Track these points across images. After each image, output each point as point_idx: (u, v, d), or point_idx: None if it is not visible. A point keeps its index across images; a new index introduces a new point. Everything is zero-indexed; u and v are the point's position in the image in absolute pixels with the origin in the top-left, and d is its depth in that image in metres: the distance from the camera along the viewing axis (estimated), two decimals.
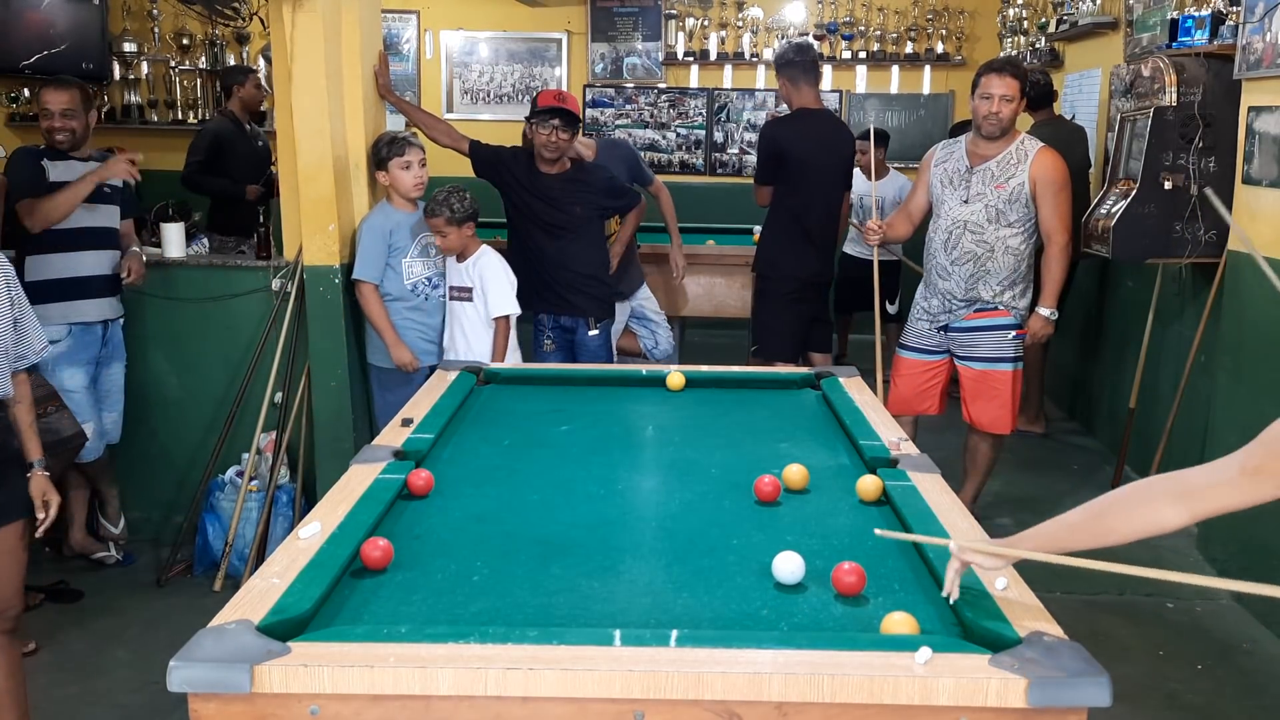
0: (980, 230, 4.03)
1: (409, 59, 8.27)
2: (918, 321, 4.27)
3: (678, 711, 1.50)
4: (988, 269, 4.05)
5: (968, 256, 4.06)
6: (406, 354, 3.98)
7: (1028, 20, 7.02)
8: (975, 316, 4.12)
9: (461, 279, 4.05)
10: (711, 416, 3.10)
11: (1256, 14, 3.77)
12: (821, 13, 8.07)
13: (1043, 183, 3.97)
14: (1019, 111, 4.03)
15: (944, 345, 4.21)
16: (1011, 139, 4.04)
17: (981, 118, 3.99)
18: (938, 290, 4.16)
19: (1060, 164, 4.05)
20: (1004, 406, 4.16)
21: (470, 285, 4.02)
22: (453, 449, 2.71)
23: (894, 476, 2.38)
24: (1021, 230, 4.03)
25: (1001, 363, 4.13)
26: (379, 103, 4.36)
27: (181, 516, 4.26)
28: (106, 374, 4.12)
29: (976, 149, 4.08)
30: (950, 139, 4.39)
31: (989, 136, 4.01)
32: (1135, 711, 3.19)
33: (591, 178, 4.49)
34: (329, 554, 1.91)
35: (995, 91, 3.94)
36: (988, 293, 4.07)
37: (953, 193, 4.10)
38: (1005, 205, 3.99)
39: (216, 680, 1.49)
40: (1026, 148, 4.03)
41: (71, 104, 3.89)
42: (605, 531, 2.18)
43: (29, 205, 3.82)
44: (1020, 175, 3.99)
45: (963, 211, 4.05)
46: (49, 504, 2.65)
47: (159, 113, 6.90)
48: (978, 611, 1.70)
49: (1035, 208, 4.01)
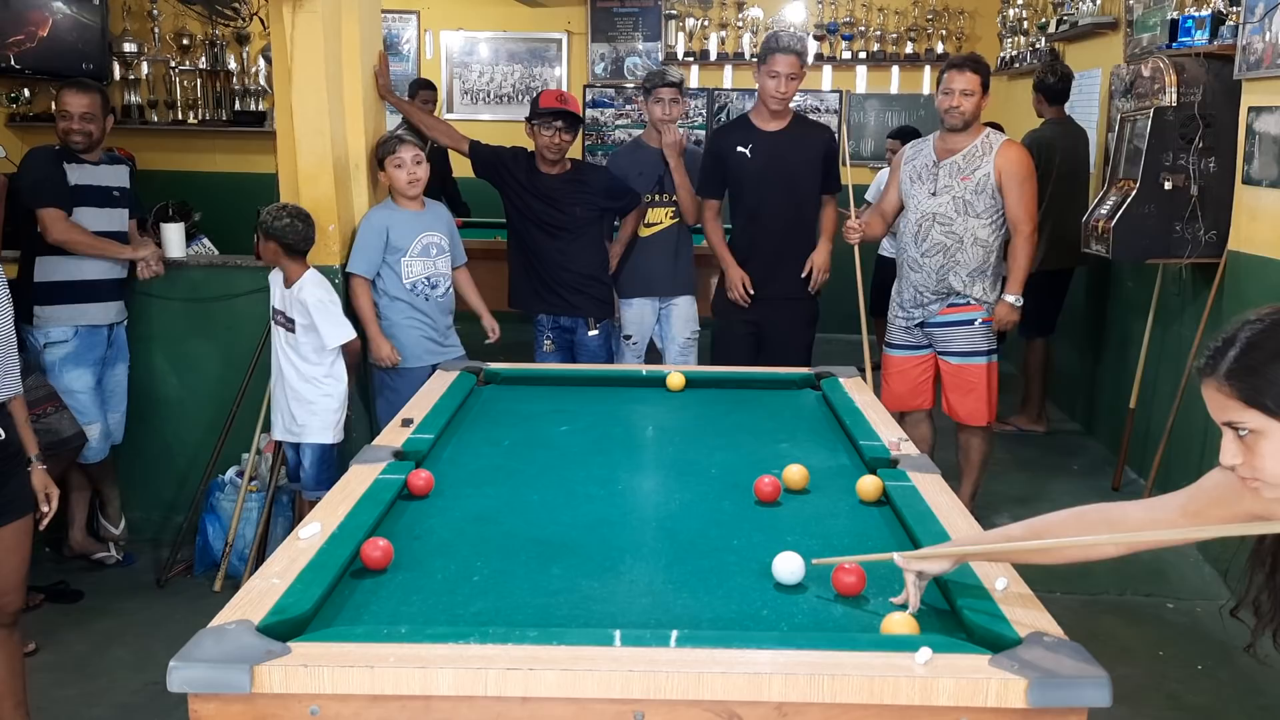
0: (949, 222, 4.12)
1: (409, 59, 8.27)
2: (895, 318, 4.36)
3: (678, 711, 1.50)
4: (957, 260, 4.13)
5: (937, 248, 4.15)
6: (386, 348, 3.98)
7: (1028, 20, 7.02)
8: (947, 312, 4.20)
9: (285, 305, 3.81)
10: (711, 417, 3.10)
11: (1256, 14, 3.77)
12: (821, 13, 8.07)
13: (1007, 174, 4.07)
14: (981, 105, 4.12)
15: (925, 340, 4.29)
16: (976, 133, 4.14)
17: (944, 111, 4.11)
18: (910, 283, 4.25)
19: (1025, 156, 4.15)
20: (980, 399, 4.24)
21: (294, 315, 3.78)
22: (453, 449, 2.71)
23: (894, 477, 2.39)
24: (990, 222, 4.11)
25: (976, 355, 4.21)
26: (379, 103, 4.36)
27: (181, 517, 4.25)
28: (111, 375, 4.13)
29: (943, 144, 4.19)
30: (919, 138, 4.51)
31: (952, 129, 4.13)
32: (1135, 712, 3.19)
33: (591, 178, 4.49)
34: (329, 554, 1.91)
35: (956, 86, 4.05)
36: (958, 283, 4.15)
37: (921, 186, 4.20)
38: (972, 196, 4.09)
39: (216, 680, 1.49)
40: (991, 140, 4.14)
41: (91, 108, 3.91)
42: (605, 532, 2.18)
43: (58, 220, 3.80)
44: (985, 166, 4.08)
45: (931, 204, 4.15)
46: (50, 497, 2.69)
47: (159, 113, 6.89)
48: (978, 612, 1.70)
49: (1002, 199, 4.09)
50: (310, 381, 3.78)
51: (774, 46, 4.21)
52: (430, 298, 4.09)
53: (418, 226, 4.05)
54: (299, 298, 3.73)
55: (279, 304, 3.83)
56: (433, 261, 4.09)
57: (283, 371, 3.82)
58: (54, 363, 3.90)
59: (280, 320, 3.82)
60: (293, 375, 3.79)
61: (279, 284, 3.84)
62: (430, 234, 4.08)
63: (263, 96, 6.70)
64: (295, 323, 3.76)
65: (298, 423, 3.80)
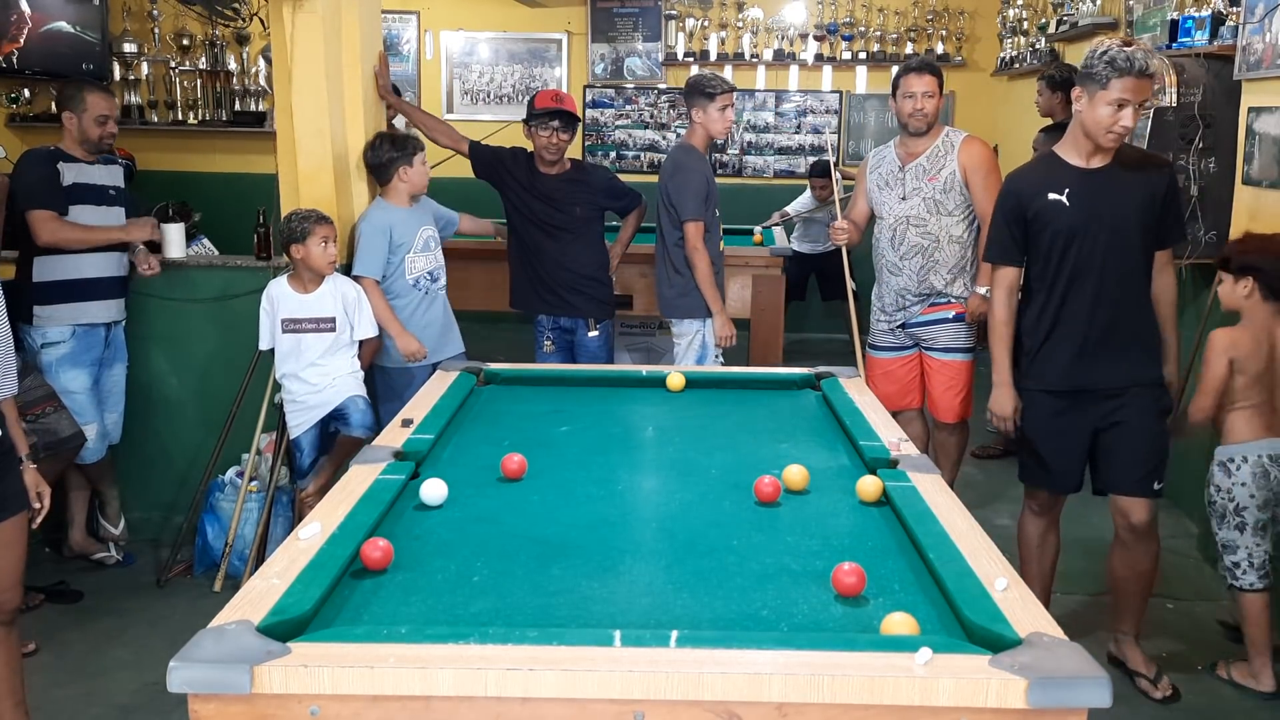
0: (923, 223, 4.11)
1: (409, 59, 8.27)
2: (877, 322, 4.36)
3: (678, 712, 1.50)
4: (936, 259, 4.13)
5: (915, 250, 4.14)
6: (414, 343, 3.98)
7: (1028, 21, 7.02)
8: (929, 311, 4.20)
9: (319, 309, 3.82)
10: (711, 417, 3.10)
11: (1256, 14, 3.77)
12: (821, 13, 8.07)
13: (971, 168, 4.06)
14: (940, 106, 4.11)
15: (909, 340, 4.30)
16: (936, 133, 4.13)
17: (907, 115, 4.08)
18: (891, 288, 4.24)
19: (986, 150, 4.15)
20: (958, 395, 4.25)
21: (333, 315, 3.82)
22: (453, 449, 2.71)
23: (894, 477, 2.39)
24: (963, 219, 4.11)
25: (958, 353, 4.23)
26: (379, 103, 4.36)
27: (181, 517, 4.26)
28: (108, 375, 4.13)
29: (905, 148, 4.18)
30: (879, 146, 4.47)
31: (916, 133, 4.11)
32: (1135, 712, 3.19)
33: (591, 178, 4.49)
34: (329, 555, 1.91)
35: (917, 89, 4.03)
36: (940, 283, 4.14)
37: (890, 192, 4.19)
38: (941, 195, 4.08)
39: (216, 681, 1.49)
40: (952, 139, 4.13)
41: (114, 110, 4.04)
42: (605, 532, 2.18)
43: (47, 221, 3.82)
44: (950, 164, 4.08)
45: (902, 207, 4.14)
46: (41, 495, 2.69)
47: (159, 113, 6.90)
48: (978, 612, 1.70)
49: (970, 194, 4.09)
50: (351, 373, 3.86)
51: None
52: (430, 291, 4.11)
53: (416, 223, 4.07)
54: (339, 292, 3.80)
55: (300, 313, 3.79)
56: (433, 255, 4.13)
57: (304, 375, 3.80)
58: (50, 363, 3.90)
59: (309, 326, 3.79)
60: (324, 376, 3.79)
61: (288, 296, 3.81)
62: (427, 228, 4.11)
63: (263, 96, 6.71)
64: (335, 321, 3.79)
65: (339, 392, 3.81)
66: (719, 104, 4.36)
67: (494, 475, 2.51)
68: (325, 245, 3.73)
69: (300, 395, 3.80)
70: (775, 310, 5.34)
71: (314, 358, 3.79)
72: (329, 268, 3.78)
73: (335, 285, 3.83)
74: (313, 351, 3.79)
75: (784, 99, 8.23)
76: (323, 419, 3.82)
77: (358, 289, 3.88)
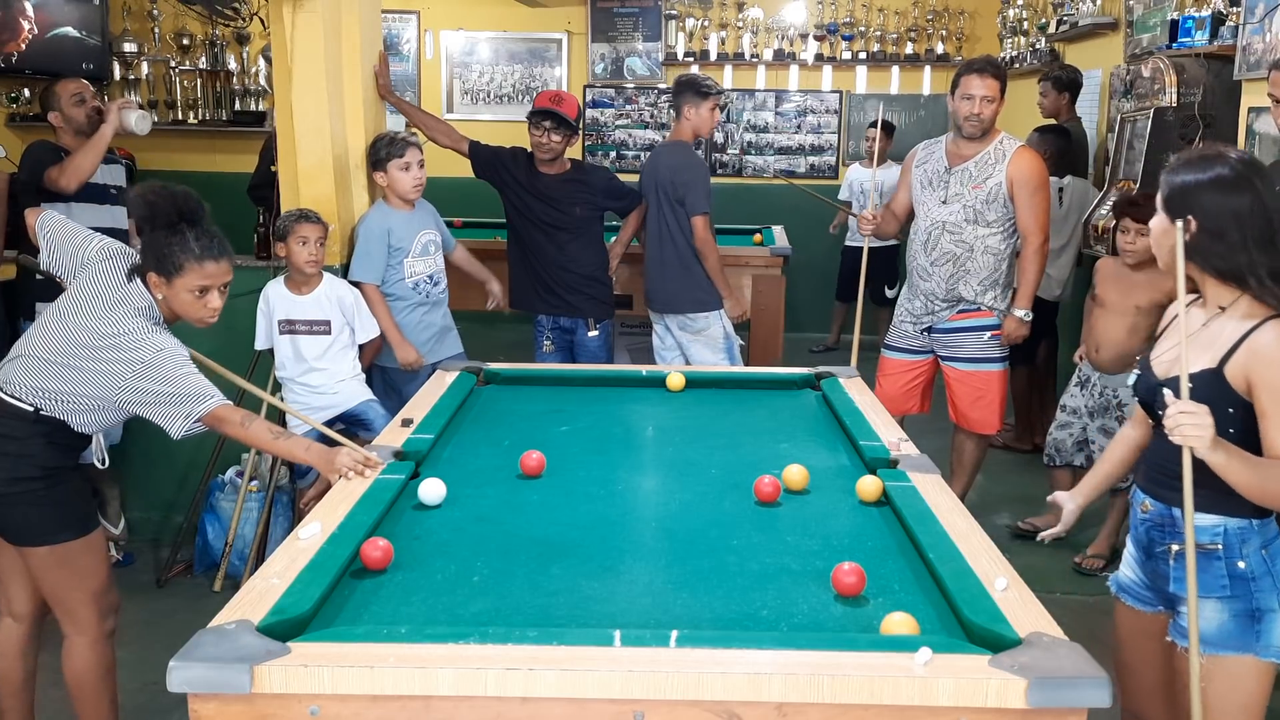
0: (959, 230, 4.01)
1: (409, 59, 8.27)
2: (902, 323, 4.27)
3: (678, 712, 1.50)
4: (967, 269, 4.03)
5: (947, 257, 4.05)
6: (412, 353, 3.97)
7: (1028, 21, 7.01)
8: (959, 318, 4.12)
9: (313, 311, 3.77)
10: (711, 417, 3.10)
11: (1256, 15, 3.77)
12: (821, 13, 8.06)
13: (1019, 182, 3.94)
14: (999, 111, 4.00)
15: (928, 346, 4.22)
16: (991, 139, 4.01)
17: (963, 118, 3.95)
18: (919, 291, 4.16)
19: (1038, 164, 4.02)
20: (990, 407, 4.16)
21: (328, 318, 3.77)
22: (453, 449, 2.71)
23: (894, 477, 2.39)
24: (1000, 230, 4.01)
25: (988, 363, 4.12)
26: (379, 103, 4.35)
27: (181, 517, 4.25)
28: None
29: (956, 149, 4.06)
30: (931, 139, 4.33)
31: (970, 137, 3.99)
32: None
33: (591, 178, 4.49)
34: (329, 554, 1.91)
35: (976, 92, 3.91)
36: (969, 293, 4.06)
37: (931, 194, 4.08)
38: (983, 205, 3.97)
39: (216, 680, 1.49)
40: (1005, 147, 4.00)
41: (86, 87, 4.18)
42: (605, 532, 2.18)
43: (57, 170, 3.94)
44: (998, 175, 3.96)
45: (941, 212, 4.04)
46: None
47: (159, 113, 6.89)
48: (978, 612, 1.70)
49: (1014, 208, 3.99)
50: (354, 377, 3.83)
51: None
52: (430, 294, 4.10)
53: (415, 226, 4.06)
54: (334, 295, 3.77)
55: (294, 314, 3.78)
56: (432, 259, 4.11)
57: (305, 380, 3.78)
58: None
59: (303, 329, 3.77)
60: (327, 378, 3.78)
61: (283, 297, 3.80)
62: (427, 232, 4.09)
63: (263, 96, 6.71)
64: (329, 323, 3.77)
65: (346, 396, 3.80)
66: (711, 104, 4.41)
67: (494, 475, 2.51)
68: (304, 244, 3.70)
69: (304, 399, 3.79)
70: (775, 310, 5.35)
71: (313, 361, 3.79)
72: (308, 266, 3.73)
73: (331, 288, 3.81)
74: (310, 354, 3.78)
75: (784, 99, 8.23)
76: (327, 421, 3.81)
77: (355, 293, 3.87)
